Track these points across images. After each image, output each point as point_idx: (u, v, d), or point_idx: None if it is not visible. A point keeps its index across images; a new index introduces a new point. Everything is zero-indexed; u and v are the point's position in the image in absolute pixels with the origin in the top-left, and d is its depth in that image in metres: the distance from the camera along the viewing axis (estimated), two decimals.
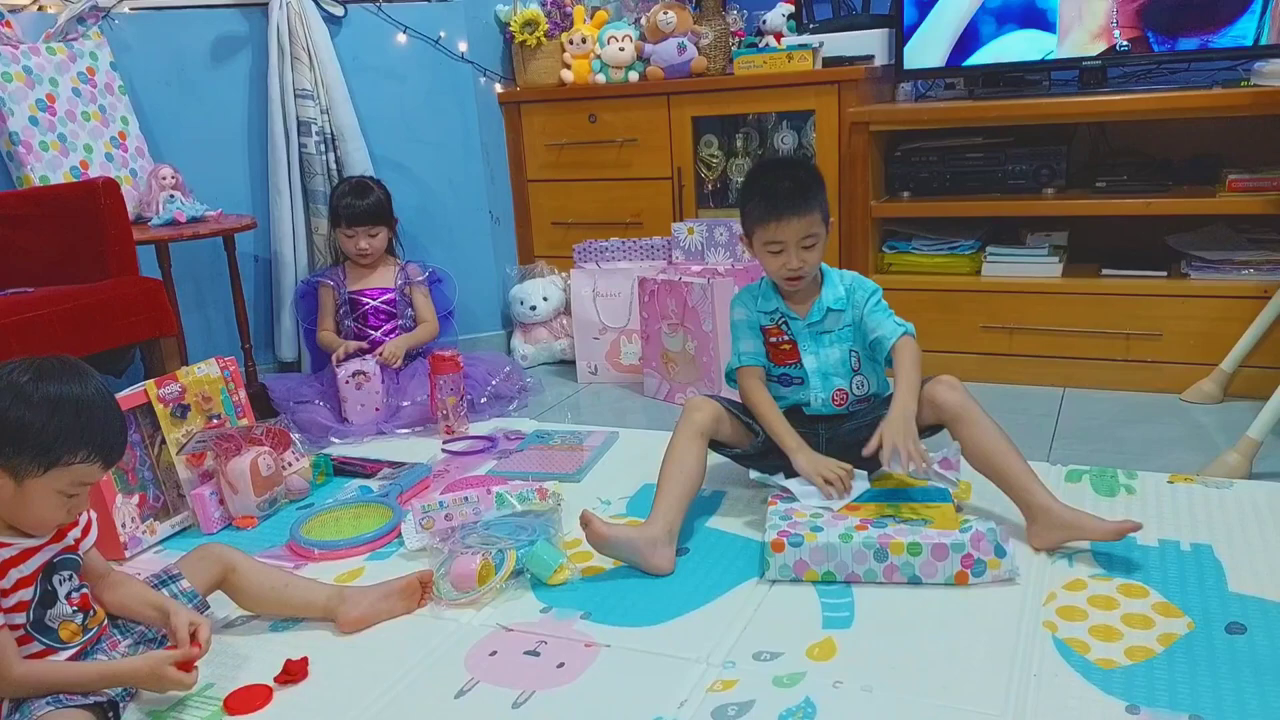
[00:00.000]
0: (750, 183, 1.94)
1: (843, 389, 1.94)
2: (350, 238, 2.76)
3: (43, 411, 1.28)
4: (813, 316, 1.91)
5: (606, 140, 3.06)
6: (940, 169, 2.78)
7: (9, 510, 1.32)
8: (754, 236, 1.90)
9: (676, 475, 1.80)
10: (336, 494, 2.17)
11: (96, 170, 2.64)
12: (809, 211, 1.83)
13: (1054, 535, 1.69)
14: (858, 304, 1.91)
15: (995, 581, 1.60)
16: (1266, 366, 2.32)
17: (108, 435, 1.34)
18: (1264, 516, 1.81)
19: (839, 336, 1.92)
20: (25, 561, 1.34)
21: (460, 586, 1.67)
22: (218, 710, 1.42)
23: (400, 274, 2.82)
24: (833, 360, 1.92)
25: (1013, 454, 1.76)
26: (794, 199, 1.83)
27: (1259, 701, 1.29)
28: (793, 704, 1.34)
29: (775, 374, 1.97)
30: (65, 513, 1.35)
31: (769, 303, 1.94)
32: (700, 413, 1.88)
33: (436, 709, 1.39)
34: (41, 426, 1.28)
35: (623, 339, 2.89)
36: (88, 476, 1.33)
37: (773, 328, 1.95)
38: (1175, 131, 2.73)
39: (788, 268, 1.85)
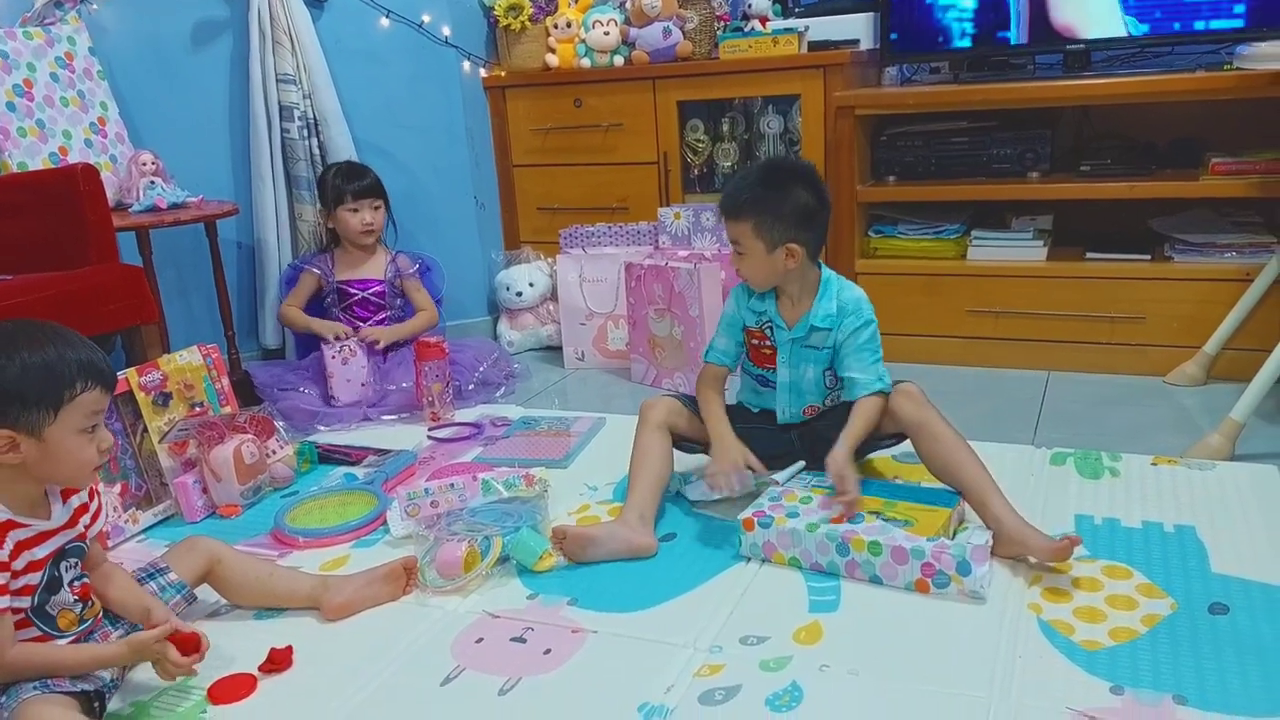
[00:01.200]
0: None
1: (814, 406, 1.92)
2: (355, 211, 2.68)
3: (24, 363, 1.28)
4: (797, 331, 1.86)
5: (592, 125, 3.04)
6: (925, 153, 2.77)
7: (47, 469, 1.33)
8: None
9: (643, 466, 1.82)
10: (321, 481, 2.16)
11: (76, 156, 2.61)
12: (737, 217, 1.79)
13: (1008, 548, 1.64)
14: (844, 330, 1.83)
15: (961, 597, 1.53)
16: (1249, 349, 2.33)
17: (92, 358, 1.34)
18: (1246, 498, 1.82)
19: (819, 357, 1.87)
20: (39, 545, 1.34)
21: (446, 574, 1.67)
22: (202, 700, 1.41)
23: (390, 266, 2.77)
24: (808, 379, 1.89)
25: (971, 465, 1.71)
26: (728, 199, 1.81)
27: (1241, 681, 1.30)
28: (779, 688, 1.35)
29: (754, 374, 1.96)
30: (95, 450, 1.35)
31: (761, 303, 1.89)
32: (654, 410, 1.89)
33: (422, 697, 1.39)
34: (30, 375, 1.28)
35: (609, 324, 2.88)
36: (96, 404, 1.34)
37: (757, 330, 1.91)
38: (1159, 115, 2.73)
39: (738, 269, 1.85)
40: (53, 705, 1.26)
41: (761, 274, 1.83)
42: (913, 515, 1.66)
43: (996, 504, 1.66)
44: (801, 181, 1.80)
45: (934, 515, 1.66)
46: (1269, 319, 2.35)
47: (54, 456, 1.31)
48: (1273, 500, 1.80)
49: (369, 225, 2.70)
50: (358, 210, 2.69)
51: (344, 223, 2.71)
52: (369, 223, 2.70)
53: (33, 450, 1.30)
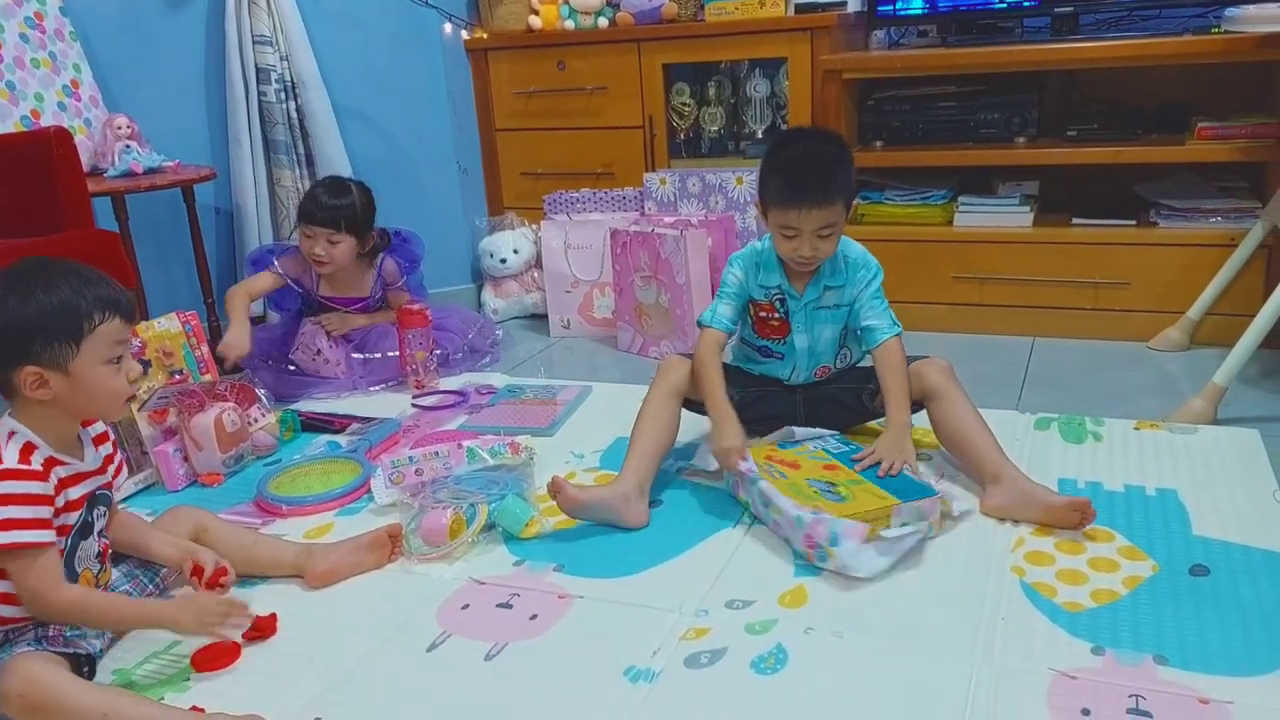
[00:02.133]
0: (774, 154, 1.78)
1: (827, 366, 1.92)
2: (309, 238, 2.42)
3: (41, 300, 1.29)
4: (810, 294, 1.83)
5: (576, 88, 3.01)
6: (913, 118, 2.76)
7: (80, 404, 1.35)
8: (770, 214, 1.77)
9: (648, 433, 1.79)
10: (304, 450, 2.15)
11: (49, 120, 2.56)
12: (831, 203, 1.71)
13: (1008, 499, 1.66)
14: (857, 283, 1.83)
15: (837, 570, 1.51)
16: (1232, 314, 2.34)
17: (107, 288, 1.35)
18: (1228, 461, 1.83)
19: (835, 315, 1.86)
20: (77, 485, 1.36)
21: (431, 541, 1.66)
22: (185, 667, 1.40)
23: (377, 285, 2.59)
24: (824, 340, 1.88)
25: (985, 431, 1.74)
26: (818, 189, 1.70)
27: (1220, 641, 1.32)
28: (764, 650, 1.35)
29: (756, 344, 1.93)
30: (123, 380, 1.37)
31: (771, 277, 1.84)
32: (675, 373, 1.85)
33: (408, 663, 1.39)
34: (48, 311, 1.29)
35: (595, 292, 2.86)
36: (117, 334, 1.35)
37: (766, 303, 1.87)
38: (1146, 79, 2.72)
39: (799, 254, 1.76)
40: (46, 662, 1.26)
41: (837, 244, 1.79)
42: (854, 491, 1.62)
43: (1009, 469, 1.68)
44: (832, 140, 1.82)
45: (876, 500, 1.58)
46: (1252, 284, 2.36)
47: (84, 389, 1.33)
48: (1254, 464, 1.82)
49: (319, 258, 2.44)
50: (311, 238, 2.43)
51: (300, 243, 2.48)
52: (319, 255, 2.43)
53: (62, 385, 1.31)
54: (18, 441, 1.32)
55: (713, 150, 3.08)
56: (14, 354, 1.29)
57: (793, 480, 1.67)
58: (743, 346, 1.97)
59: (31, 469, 1.30)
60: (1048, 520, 1.63)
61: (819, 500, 1.59)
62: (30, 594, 1.30)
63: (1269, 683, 1.23)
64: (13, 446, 1.31)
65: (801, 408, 1.92)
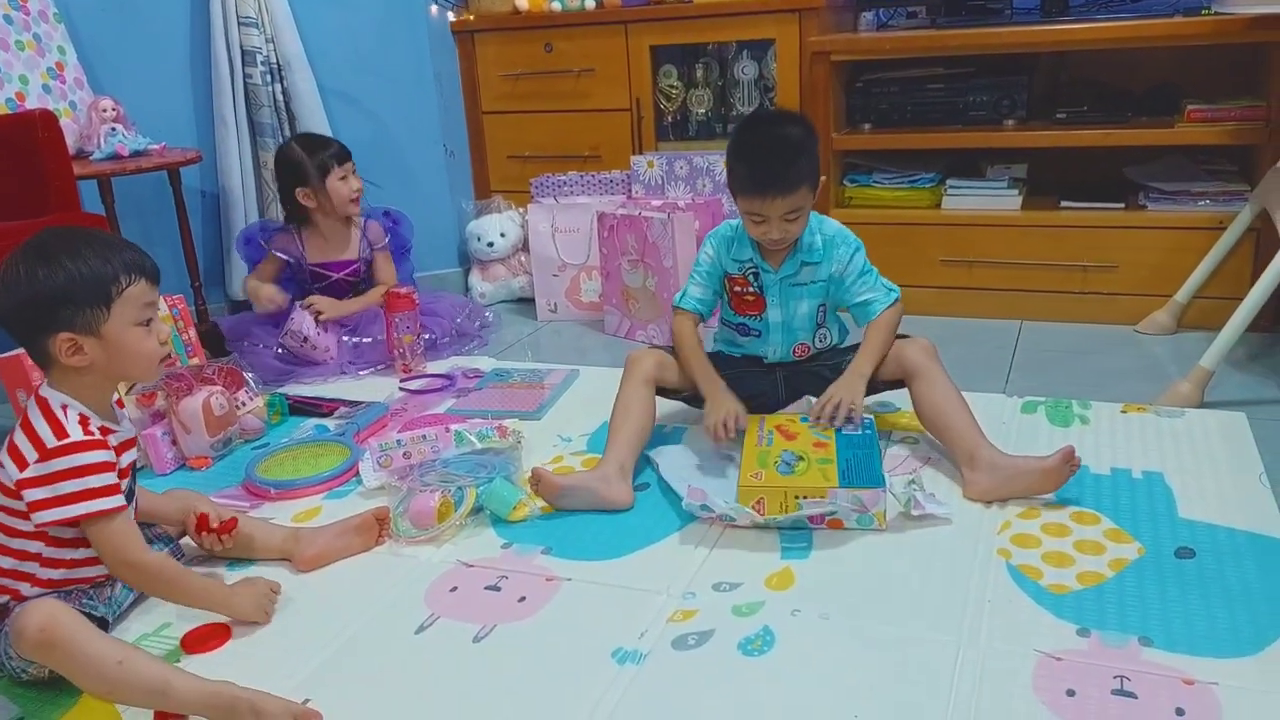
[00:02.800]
0: (738, 143, 1.80)
1: (805, 344, 1.93)
2: (344, 179, 2.52)
3: (68, 266, 1.31)
4: (786, 270, 1.85)
5: (563, 70, 2.99)
6: (901, 100, 2.75)
7: (117, 367, 1.37)
8: (737, 199, 1.80)
9: (625, 420, 1.80)
10: (292, 433, 2.14)
11: (34, 102, 2.54)
12: (794, 190, 1.72)
13: (992, 480, 1.67)
14: (839, 260, 1.85)
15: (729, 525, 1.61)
16: (1219, 297, 2.35)
17: (132, 252, 1.37)
18: (1214, 444, 1.84)
19: (810, 291, 1.87)
20: (125, 452, 1.40)
21: (419, 524, 1.66)
22: (175, 649, 1.41)
23: (363, 243, 2.63)
24: (800, 315, 1.89)
25: (964, 412, 1.75)
26: (779, 178, 1.71)
27: (1206, 623, 1.32)
28: (751, 632, 1.36)
29: (734, 322, 1.94)
30: (156, 341, 1.39)
31: (743, 251, 1.86)
32: (643, 363, 1.87)
33: (397, 645, 1.39)
34: (76, 278, 1.31)
35: (582, 276, 2.86)
36: (145, 296, 1.37)
37: (740, 277, 1.89)
38: (1136, 61, 2.72)
39: (768, 237, 1.78)
40: (67, 609, 1.28)
41: (805, 225, 1.81)
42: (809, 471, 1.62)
43: (985, 449, 1.69)
44: (803, 124, 1.83)
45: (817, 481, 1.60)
46: (1240, 267, 2.36)
47: (119, 352, 1.35)
48: (1240, 446, 1.82)
49: (357, 192, 2.56)
50: (346, 178, 2.54)
51: (336, 194, 2.53)
52: (357, 189, 2.56)
53: (97, 350, 1.33)
54: (73, 413, 1.34)
55: (700, 133, 3.07)
56: (47, 322, 1.31)
57: (772, 450, 1.69)
58: (723, 329, 1.98)
59: (96, 438, 1.33)
60: (1044, 486, 1.64)
61: (769, 470, 1.62)
62: (124, 560, 1.34)
63: (1253, 664, 1.24)
64: (71, 418, 1.33)
65: (782, 386, 1.93)
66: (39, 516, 1.30)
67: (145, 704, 1.24)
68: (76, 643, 1.22)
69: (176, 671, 1.26)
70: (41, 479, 1.30)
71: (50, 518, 1.30)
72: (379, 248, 2.65)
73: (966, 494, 1.69)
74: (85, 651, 1.22)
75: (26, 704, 1.31)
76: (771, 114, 2.24)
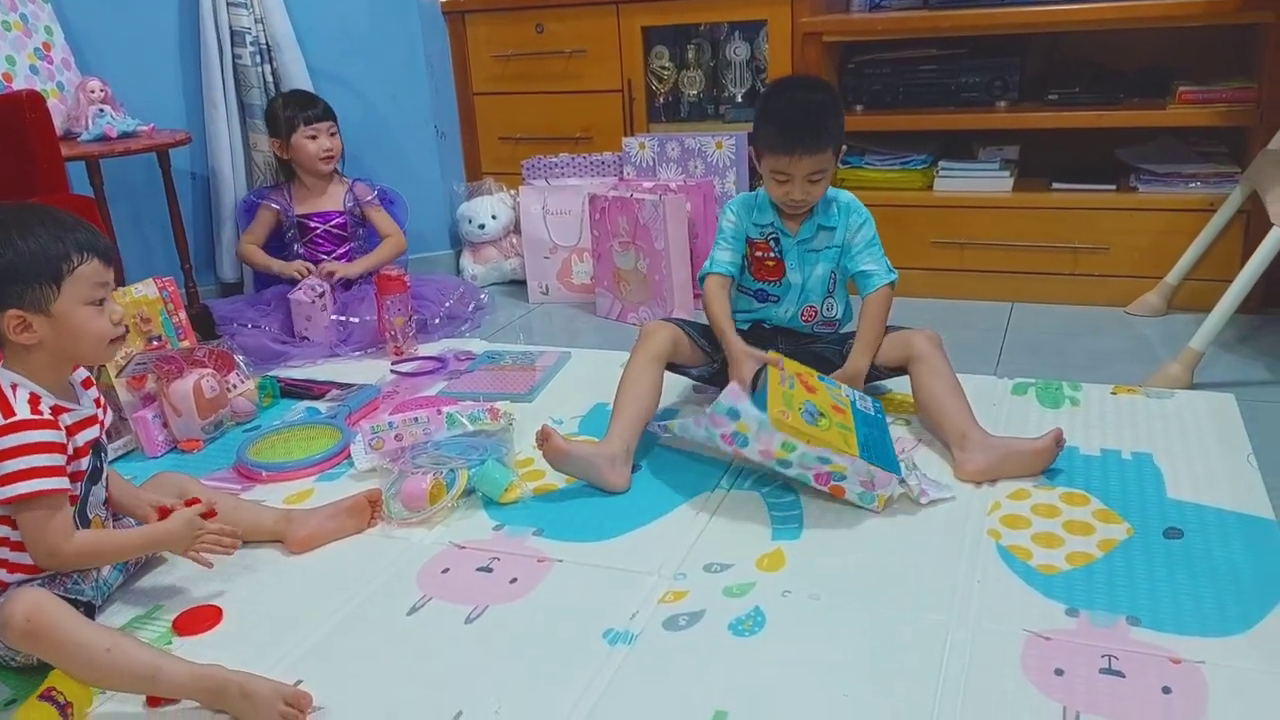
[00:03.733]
0: (768, 103, 1.87)
1: (814, 306, 1.96)
2: (313, 138, 2.62)
3: (18, 244, 1.30)
4: (804, 234, 1.91)
5: (554, 51, 2.97)
6: (894, 82, 2.74)
7: (67, 346, 1.35)
8: (763, 159, 1.86)
9: (632, 398, 1.80)
10: (284, 416, 2.14)
11: (21, 83, 2.51)
12: (822, 149, 1.79)
13: (986, 460, 1.68)
14: (851, 227, 1.91)
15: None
16: (1210, 279, 2.35)
17: (85, 232, 1.36)
18: (1203, 425, 1.85)
19: (825, 255, 1.93)
20: (82, 430, 1.38)
21: (411, 506, 1.66)
22: (167, 631, 1.41)
23: (348, 195, 2.71)
24: (815, 277, 1.93)
25: (959, 397, 1.77)
26: (809, 136, 1.78)
27: (1193, 603, 1.33)
28: (742, 613, 1.36)
29: (752, 289, 1.97)
30: (107, 321, 1.37)
31: (764, 215, 1.92)
32: (656, 337, 1.87)
33: (389, 626, 1.39)
34: (26, 255, 1.30)
35: (574, 258, 2.85)
36: (97, 276, 1.36)
37: (761, 241, 1.93)
38: (1129, 42, 2.72)
39: (790, 197, 1.84)
40: (52, 596, 1.27)
41: (826, 188, 1.87)
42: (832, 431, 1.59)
43: (976, 430, 1.72)
44: (822, 88, 1.90)
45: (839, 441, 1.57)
46: (1230, 249, 2.37)
47: (68, 331, 1.34)
48: (1229, 427, 1.83)
49: (328, 151, 2.64)
50: (315, 136, 2.63)
51: (302, 151, 2.63)
52: (328, 148, 2.64)
53: (46, 328, 1.32)
54: (23, 392, 1.32)
55: (692, 114, 3.05)
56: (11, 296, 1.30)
57: (795, 395, 1.64)
58: (738, 294, 1.99)
59: (45, 418, 1.31)
60: (1034, 467, 1.67)
61: (794, 414, 1.58)
62: (46, 548, 1.31)
63: (1240, 643, 1.25)
64: (20, 397, 1.31)
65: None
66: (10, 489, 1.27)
67: (135, 689, 1.24)
68: (63, 631, 1.21)
69: (165, 656, 1.26)
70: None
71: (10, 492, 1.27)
72: (368, 202, 2.72)
73: (958, 475, 1.70)
74: (73, 640, 1.21)
75: (17, 687, 1.31)
76: (801, 79, 2.27)
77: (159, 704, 1.25)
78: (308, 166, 2.66)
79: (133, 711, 1.25)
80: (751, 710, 1.18)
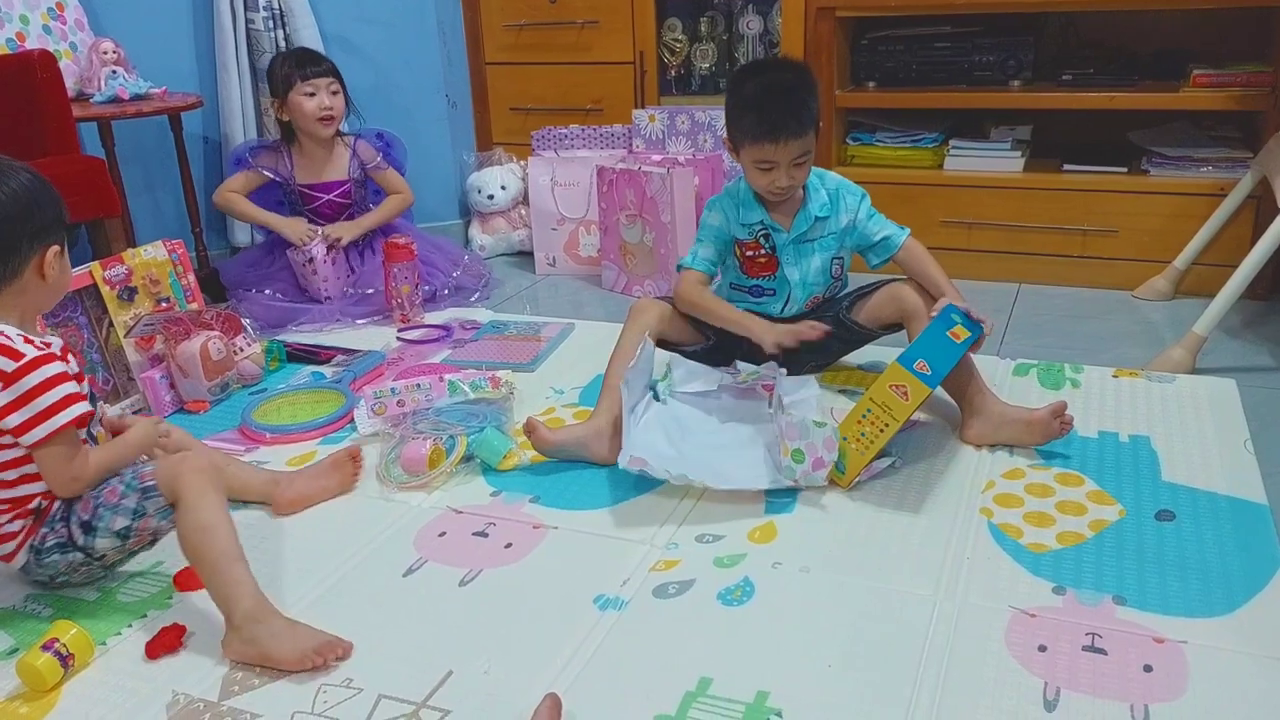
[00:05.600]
0: (741, 90, 1.79)
1: (817, 296, 1.94)
2: (311, 95, 2.44)
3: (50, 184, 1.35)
4: (799, 227, 1.86)
5: (567, 21, 2.97)
6: (907, 59, 2.73)
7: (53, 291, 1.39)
8: (743, 150, 1.80)
9: (623, 373, 1.79)
10: (289, 379, 2.16)
11: (34, 43, 2.53)
12: (805, 131, 1.74)
13: (986, 425, 1.71)
14: (849, 209, 1.88)
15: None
16: (1218, 264, 2.34)
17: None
18: (1203, 409, 1.85)
19: (822, 245, 1.89)
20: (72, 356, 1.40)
21: (411, 470, 1.68)
22: (168, 586, 1.43)
23: (353, 162, 2.60)
24: (814, 269, 1.90)
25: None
26: (791, 120, 1.72)
27: (1180, 584, 1.34)
28: (731, 583, 1.38)
29: (746, 285, 1.94)
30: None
31: (752, 214, 1.86)
32: (646, 315, 1.86)
33: (384, 586, 1.42)
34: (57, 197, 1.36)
35: (581, 230, 2.85)
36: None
37: (751, 241, 1.88)
38: (1145, 23, 2.69)
39: (776, 185, 1.78)
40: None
41: (808, 174, 1.83)
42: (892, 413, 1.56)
43: (980, 394, 1.72)
44: (795, 69, 1.84)
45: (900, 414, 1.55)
46: (1240, 235, 2.36)
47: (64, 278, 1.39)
48: (1228, 413, 1.83)
49: (328, 110, 2.48)
50: (314, 94, 2.46)
51: (299, 109, 2.47)
52: (328, 107, 2.47)
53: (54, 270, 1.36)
54: (15, 334, 1.31)
55: (703, 88, 3.04)
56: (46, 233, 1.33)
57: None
58: (732, 292, 1.97)
59: (52, 352, 1.32)
60: (1030, 438, 1.68)
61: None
62: (71, 474, 1.33)
63: (1223, 624, 1.26)
64: (16, 339, 1.30)
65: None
66: (28, 438, 1.29)
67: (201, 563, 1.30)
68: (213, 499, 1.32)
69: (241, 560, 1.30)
70: (16, 402, 1.28)
71: (38, 435, 1.28)
72: (373, 166, 2.61)
73: (963, 436, 1.73)
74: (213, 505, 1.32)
75: (20, 637, 1.34)
76: (769, 61, 2.24)
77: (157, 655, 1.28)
78: (305, 128, 2.51)
79: (131, 666, 1.28)
80: (735, 678, 1.20)
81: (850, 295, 1.93)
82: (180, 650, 1.29)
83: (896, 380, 1.54)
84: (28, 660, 1.22)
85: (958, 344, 1.63)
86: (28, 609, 1.41)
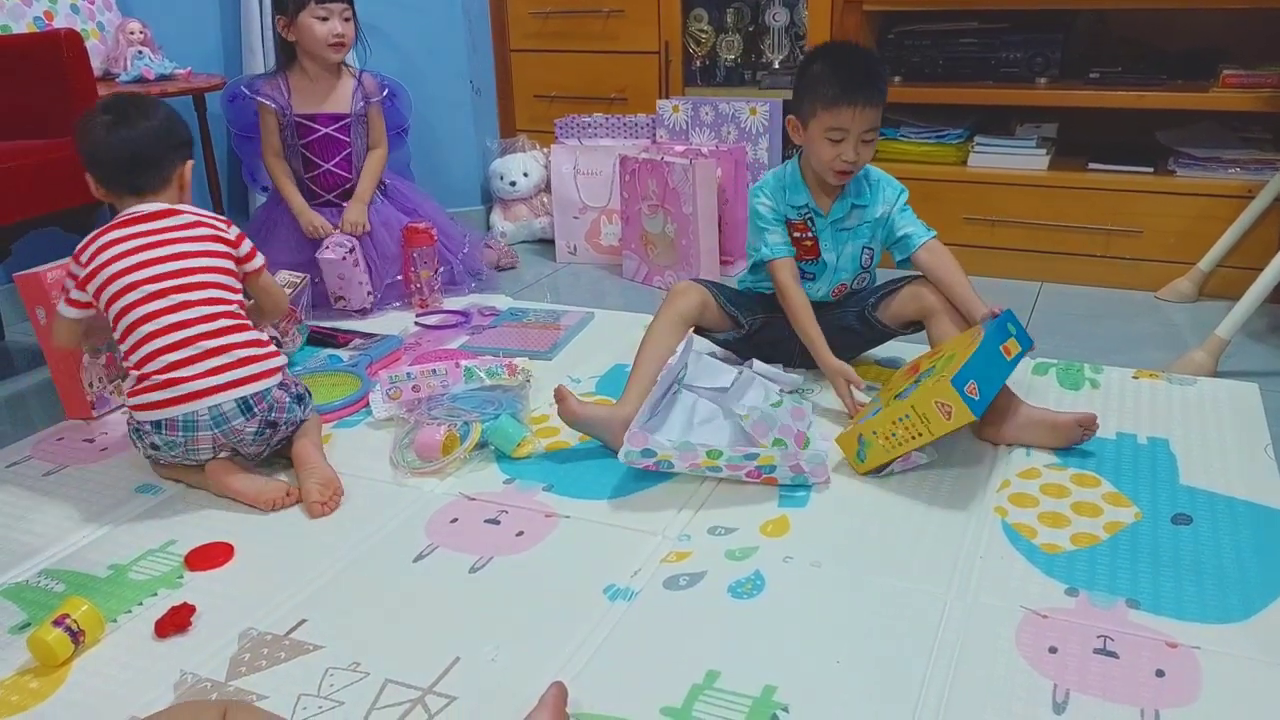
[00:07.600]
0: (819, 62, 1.80)
1: (844, 284, 1.95)
2: (324, 19, 2.33)
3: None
4: (836, 213, 1.88)
5: (593, 10, 2.96)
6: (933, 54, 2.70)
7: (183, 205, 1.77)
8: (814, 119, 1.78)
9: (653, 359, 1.79)
10: (306, 362, 2.17)
11: (62, 22, 2.54)
12: (880, 102, 1.77)
13: (1010, 426, 1.69)
14: (887, 200, 1.89)
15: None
16: (1243, 267, 2.31)
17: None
18: (1223, 413, 1.83)
19: (857, 233, 1.90)
20: None
21: (424, 456, 1.69)
22: (179, 565, 1.45)
23: (357, 94, 2.46)
24: (846, 255, 1.91)
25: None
26: (870, 86, 1.75)
27: (1195, 588, 1.33)
28: (742, 576, 1.38)
29: None
30: None
31: (798, 196, 1.87)
32: (685, 299, 1.86)
33: (395, 571, 1.42)
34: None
35: (603, 219, 2.85)
36: None
37: (799, 223, 1.89)
38: (1177, 22, 2.65)
39: (843, 159, 1.78)
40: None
41: (870, 158, 1.85)
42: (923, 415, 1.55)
43: (1008, 391, 1.70)
44: (870, 51, 1.94)
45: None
46: (1265, 237, 2.33)
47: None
48: (1249, 417, 1.81)
49: (339, 37, 2.36)
50: (327, 18, 2.35)
51: (308, 32, 2.34)
52: (340, 34, 2.36)
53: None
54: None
55: (728, 79, 3.03)
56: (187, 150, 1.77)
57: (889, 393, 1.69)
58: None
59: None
60: (1050, 440, 1.67)
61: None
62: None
63: (1238, 631, 1.25)
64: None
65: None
66: (254, 262, 1.75)
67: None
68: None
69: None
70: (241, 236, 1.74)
71: (262, 259, 1.76)
72: (376, 102, 2.50)
73: (982, 434, 1.71)
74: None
75: (32, 612, 1.35)
76: (843, 42, 2.26)
77: (166, 634, 1.29)
78: (314, 51, 2.38)
79: (140, 644, 1.29)
80: (743, 671, 1.19)
81: (877, 292, 1.92)
82: (189, 629, 1.30)
83: (944, 398, 1.52)
84: (39, 635, 1.23)
85: (1008, 361, 1.63)
86: (40, 584, 1.42)
